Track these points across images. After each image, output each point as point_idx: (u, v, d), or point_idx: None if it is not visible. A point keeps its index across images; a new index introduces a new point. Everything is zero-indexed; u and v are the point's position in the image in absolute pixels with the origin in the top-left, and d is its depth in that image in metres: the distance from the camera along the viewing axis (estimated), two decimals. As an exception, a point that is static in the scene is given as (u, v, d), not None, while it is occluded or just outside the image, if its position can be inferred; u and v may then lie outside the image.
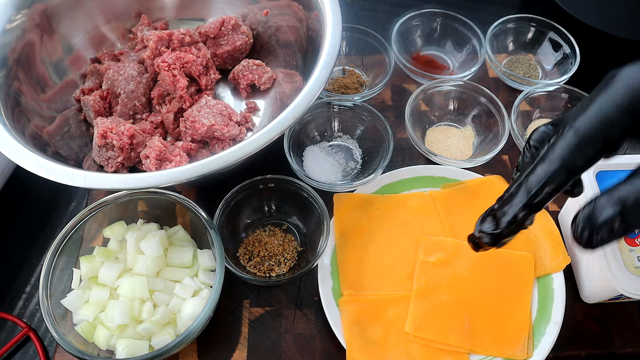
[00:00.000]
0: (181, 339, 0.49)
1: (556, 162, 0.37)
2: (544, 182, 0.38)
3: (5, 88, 0.62)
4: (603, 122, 0.35)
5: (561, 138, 0.37)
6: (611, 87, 0.36)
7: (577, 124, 0.36)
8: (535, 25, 0.83)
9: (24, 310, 0.64)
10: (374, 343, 0.56)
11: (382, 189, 0.67)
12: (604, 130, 0.35)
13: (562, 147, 0.36)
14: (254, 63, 0.73)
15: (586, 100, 0.37)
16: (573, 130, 0.36)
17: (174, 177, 0.52)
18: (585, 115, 0.36)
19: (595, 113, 0.36)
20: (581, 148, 0.36)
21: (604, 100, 0.36)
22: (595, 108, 0.36)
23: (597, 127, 0.35)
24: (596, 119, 0.35)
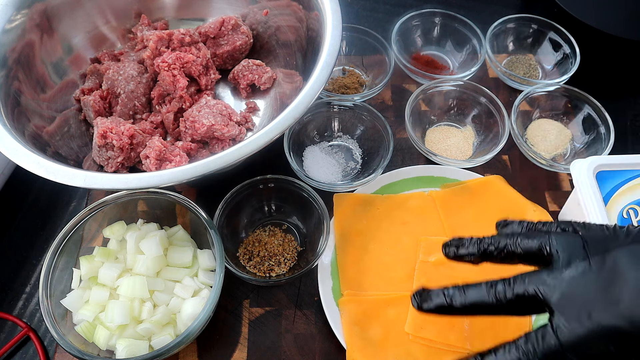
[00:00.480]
0: (181, 339, 0.49)
1: (558, 352, 0.35)
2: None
3: (5, 88, 0.62)
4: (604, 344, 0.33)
5: (572, 332, 0.34)
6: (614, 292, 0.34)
7: (595, 325, 0.34)
8: (535, 25, 0.83)
9: (24, 310, 0.64)
10: (374, 343, 0.56)
11: (382, 189, 0.67)
12: (627, 342, 0.33)
13: (573, 342, 0.34)
14: (254, 63, 0.73)
15: (590, 283, 0.35)
16: (589, 331, 0.34)
17: (174, 177, 0.52)
18: (600, 318, 0.34)
19: (616, 322, 0.33)
20: (598, 349, 0.34)
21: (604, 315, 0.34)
22: (613, 316, 0.33)
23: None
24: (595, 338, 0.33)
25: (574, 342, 0.34)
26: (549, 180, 0.71)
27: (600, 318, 0.34)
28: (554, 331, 0.35)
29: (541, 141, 0.73)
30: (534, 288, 0.37)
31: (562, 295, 0.36)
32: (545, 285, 0.37)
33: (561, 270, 0.37)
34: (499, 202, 0.66)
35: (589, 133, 0.72)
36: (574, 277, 0.36)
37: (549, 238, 0.40)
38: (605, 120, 0.70)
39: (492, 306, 0.39)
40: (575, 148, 0.73)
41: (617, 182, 0.56)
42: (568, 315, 0.35)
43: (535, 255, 0.40)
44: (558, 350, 0.34)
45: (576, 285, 0.36)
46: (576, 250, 0.38)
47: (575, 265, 0.37)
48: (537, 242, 0.40)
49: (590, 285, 0.36)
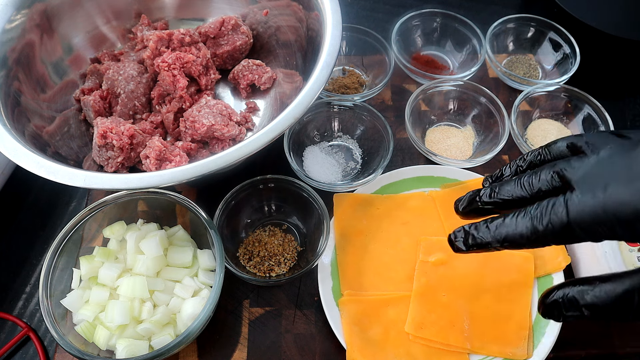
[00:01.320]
0: (181, 339, 0.49)
1: (564, 225, 0.34)
2: (534, 234, 0.35)
3: (5, 88, 0.62)
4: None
5: (583, 201, 0.33)
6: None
7: (609, 198, 0.33)
8: (535, 25, 0.83)
9: (24, 310, 0.64)
10: (374, 343, 0.56)
11: (382, 189, 0.67)
12: (633, 224, 0.32)
13: (581, 214, 0.33)
14: (254, 63, 0.73)
15: (614, 164, 0.34)
16: (600, 203, 0.33)
17: (174, 177, 0.52)
18: (615, 193, 0.33)
19: (630, 198, 0.32)
20: (604, 226, 0.33)
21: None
22: (629, 191, 0.32)
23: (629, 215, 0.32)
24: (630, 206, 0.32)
25: (582, 214, 0.33)
26: (549, 180, 0.70)
27: (615, 192, 0.33)
28: (565, 202, 0.34)
29: (541, 141, 0.73)
30: (560, 168, 0.37)
31: (585, 173, 0.35)
32: (571, 166, 0.36)
33: (589, 155, 0.37)
34: (499, 202, 0.66)
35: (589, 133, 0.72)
36: (600, 158, 0.36)
37: (581, 135, 0.39)
38: (605, 120, 0.70)
39: (521, 198, 0.38)
40: (575, 148, 0.73)
41: None
42: (584, 189, 0.34)
43: (566, 154, 0.39)
44: (564, 221, 0.34)
45: (601, 165, 0.35)
46: (607, 139, 0.37)
47: (604, 150, 0.36)
48: (568, 140, 0.39)
49: (615, 165, 0.35)
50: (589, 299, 0.34)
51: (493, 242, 0.38)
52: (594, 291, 0.34)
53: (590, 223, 0.33)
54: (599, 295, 0.33)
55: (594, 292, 0.34)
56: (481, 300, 0.59)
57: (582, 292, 0.34)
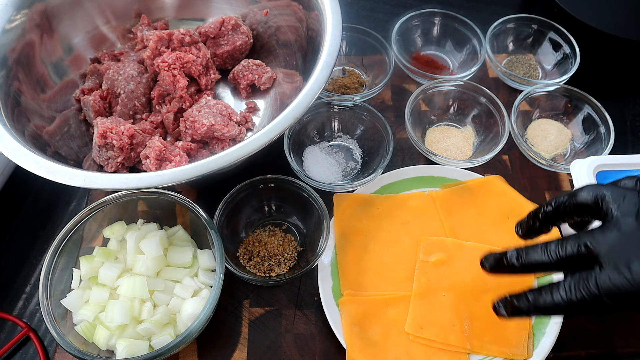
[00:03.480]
0: (181, 339, 0.49)
1: (595, 296, 0.39)
2: (567, 304, 0.40)
3: (5, 88, 0.62)
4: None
5: (611, 278, 0.38)
6: None
7: (635, 274, 0.37)
8: (535, 25, 0.83)
9: (24, 310, 0.64)
10: (374, 343, 0.56)
11: (382, 189, 0.67)
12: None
13: (610, 288, 0.38)
14: (254, 63, 0.73)
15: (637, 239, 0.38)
16: (625, 280, 0.37)
17: (174, 177, 0.52)
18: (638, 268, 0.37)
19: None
20: (632, 297, 0.37)
21: None
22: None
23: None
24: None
25: (613, 290, 0.38)
26: (549, 180, 0.71)
27: (637, 270, 0.37)
28: (595, 279, 0.38)
29: (541, 141, 0.73)
30: (585, 242, 0.40)
31: (610, 248, 0.39)
32: (596, 240, 0.40)
33: (612, 227, 0.40)
34: (499, 202, 0.66)
35: (589, 133, 0.72)
36: (624, 232, 0.39)
37: (604, 190, 0.42)
38: (605, 120, 0.70)
39: (547, 264, 0.42)
40: (575, 148, 0.73)
41: None
42: (611, 265, 0.38)
43: (590, 209, 0.43)
44: (596, 295, 0.38)
45: (624, 240, 0.39)
46: (630, 207, 0.40)
47: (627, 222, 0.40)
48: (594, 192, 0.42)
49: (636, 240, 0.39)
50: None
51: (533, 311, 0.42)
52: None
53: (621, 297, 0.38)
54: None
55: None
56: (481, 300, 0.59)
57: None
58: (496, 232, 0.64)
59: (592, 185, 0.43)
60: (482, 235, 0.63)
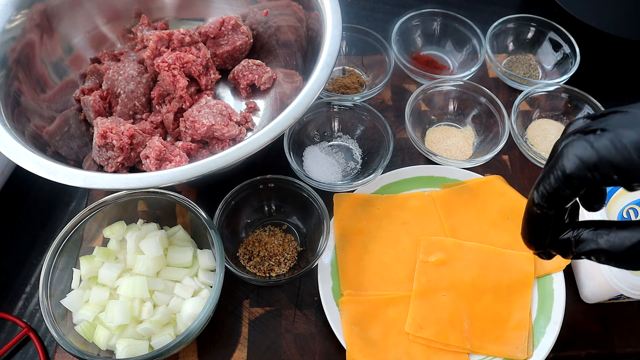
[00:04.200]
0: (181, 339, 0.49)
1: (593, 161, 0.32)
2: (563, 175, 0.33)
3: (5, 88, 0.62)
4: None
5: (610, 139, 0.32)
6: None
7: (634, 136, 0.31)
8: (535, 25, 0.83)
9: (24, 310, 0.64)
10: (374, 343, 0.56)
11: (382, 189, 0.67)
12: None
13: (608, 149, 0.32)
14: (254, 63, 0.73)
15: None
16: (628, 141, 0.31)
17: (174, 177, 0.52)
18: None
19: None
20: (633, 164, 0.31)
21: None
22: None
23: None
24: None
25: (608, 153, 0.32)
26: (549, 180, 0.70)
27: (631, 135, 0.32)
28: (592, 140, 0.33)
29: (541, 141, 0.73)
30: (585, 116, 0.37)
31: (611, 122, 0.34)
32: (601, 122, 0.35)
33: (618, 111, 0.36)
34: (499, 202, 0.66)
35: (589, 133, 0.72)
36: (628, 111, 0.36)
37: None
38: (605, 120, 0.70)
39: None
40: (575, 148, 0.72)
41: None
42: (613, 129, 0.33)
43: None
44: (595, 160, 0.32)
45: (628, 115, 0.35)
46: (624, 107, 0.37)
47: (632, 107, 0.36)
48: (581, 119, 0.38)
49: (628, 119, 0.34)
50: (603, 242, 0.33)
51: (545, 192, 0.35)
52: (609, 236, 0.33)
53: (619, 161, 0.31)
54: (613, 241, 0.32)
55: (608, 237, 0.33)
56: (481, 300, 0.59)
57: (596, 235, 0.33)
58: (496, 232, 0.64)
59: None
60: (482, 235, 0.63)
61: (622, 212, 0.55)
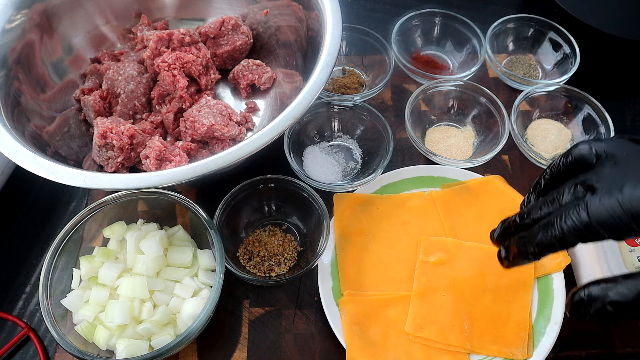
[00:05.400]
0: (181, 339, 0.49)
1: (586, 223, 0.36)
2: (561, 235, 0.38)
3: (5, 88, 0.62)
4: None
5: (602, 201, 0.36)
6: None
7: (625, 197, 0.35)
8: (535, 25, 0.83)
9: (24, 310, 0.64)
10: (374, 343, 0.56)
11: (382, 189, 0.67)
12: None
13: (600, 212, 0.36)
14: (254, 63, 0.73)
15: (631, 168, 0.37)
16: (616, 202, 0.35)
17: (174, 177, 0.52)
18: (629, 190, 0.35)
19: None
20: (621, 222, 0.35)
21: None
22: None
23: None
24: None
25: (601, 212, 0.36)
26: (549, 180, 0.70)
27: (630, 191, 0.35)
28: (586, 202, 0.37)
29: (541, 141, 0.73)
30: (582, 180, 0.39)
31: (604, 177, 0.38)
32: (592, 174, 0.39)
33: (607, 162, 0.39)
34: (499, 202, 0.66)
35: (589, 133, 0.72)
36: (618, 163, 0.39)
37: (598, 141, 0.41)
38: (605, 120, 0.70)
39: (550, 214, 0.40)
40: (575, 148, 0.73)
41: None
42: (603, 191, 0.37)
43: (585, 160, 0.41)
44: (585, 220, 0.36)
45: (618, 168, 0.38)
46: (623, 145, 0.40)
47: (621, 155, 0.39)
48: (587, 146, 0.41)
49: (630, 167, 0.38)
50: (612, 295, 0.35)
51: (530, 247, 0.40)
52: (617, 288, 0.35)
53: (609, 220, 0.35)
54: (622, 292, 0.35)
55: (617, 289, 0.35)
56: (481, 300, 0.59)
57: (605, 290, 0.36)
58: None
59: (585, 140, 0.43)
60: (482, 235, 0.63)
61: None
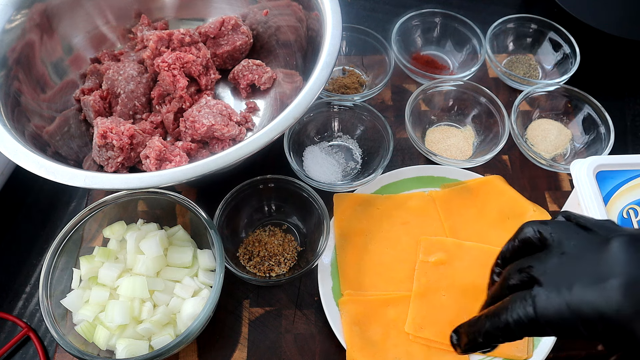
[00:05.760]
0: (181, 339, 0.49)
1: (531, 318, 0.34)
2: (506, 328, 0.36)
3: (5, 88, 0.62)
4: (598, 317, 0.32)
5: (549, 299, 0.34)
6: (605, 263, 0.34)
7: (574, 299, 0.33)
8: (535, 25, 0.83)
9: (24, 310, 0.64)
10: (374, 343, 0.56)
11: (382, 189, 0.67)
12: (595, 325, 0.32)
13: (547, 310, 0.34)
14: (254, 63, 0.73)
15: (580, 261, 0.35)
16: (564, 302, 0.33)
17: (174, 177, 0.52)
18: (579, 292, 0.33)
19: (592, 298, 0.32)
20: (567, 323, 0.33)
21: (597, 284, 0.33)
22: (592, 292, 0.33)
23: (590, 316, 0.32)
24: (590, 308, 0.32)
25: (548, 311, 0.34)
26: (549, 180, 0.71)
27: (580, 292, 0.33)
28: (533, 297, 0.35)
29: (541, 141, 0.73)
30: (527, 265, 0.37)
31: (551, 270, 0.36)
32: (538, 262, 0.37)
33: (554, 251, 0.37)
34: (499, 202, 0.66)
35: (589, 133, 0.72)
36: (566, 254, 0.36)
37: (544, 224, 0.40)
38: (605, 120, 0.70)
39: (493, 298, 0.40)
40: (575, 148, 0.73)
41: (617, 182, 0.56)
42: (550, 286, 0.35)
43: (533, 244, 0.40)
44: (531, 316, 0.34)
45: (567, 262, 0.36)
46: (572, 233, 0.38)
47: (569, 246, 0.37)
48: (532, 229, 0.40)
49: (580, 263, 0.35)
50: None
51: (478, 337, 0.39)
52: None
53: (555, 320, 0.33)
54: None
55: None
56: (481, 301, 0.58)
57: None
58: (496, 232, 0.64)
59: (531, 221, 0.41)
60: (482, 235, 0.63)
61: (622, 213, 0.55)
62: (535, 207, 0.65)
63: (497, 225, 0.64)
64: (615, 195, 0.56)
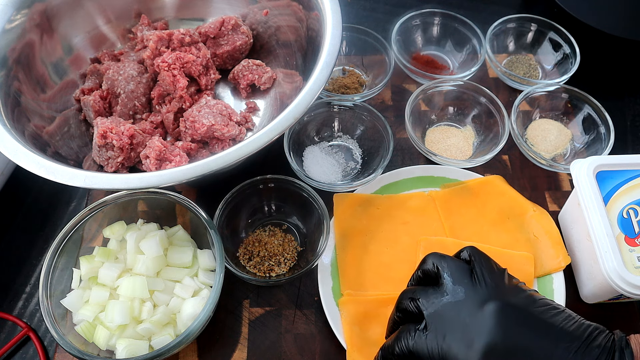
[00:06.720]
0: (181, 339, 0.49)
1: (410, 350, 0.42)
2: (393, 352, 0.44)
3: (5, 88, 0.62)
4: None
5: (426, 340, 0.42)
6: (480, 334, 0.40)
7: (443, 345, 0.41)
8: (535, 25, 0.83)
9: (24, 310, 0.64)
10: (374, 343, 0.56)
11: (382, 189, 0.67)
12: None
13: (421, 347, 0.42)
14: (254, 63, 0.73)
15: (459, 312, 0.42)
16: (437, 347, 0.41)
17: (174, 177, 0.52)
18: (449, 343, 0.41)
19: (457, 352, 0.40)
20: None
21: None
22: (458, 347, 0.40)
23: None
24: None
25: (423, 350, 0.41)
26: (549, 180, 0.71)
27: (449, 345, 0.40)
28: (415, 333, 0.42)
29: (541, 141, 0.73)
30: (417, 297, 0.44)
31: (435, 312, 0.43)
32: (426, 298, 0.44)
33: (443, 291, 0.44)
34: (499, 202, 0.66)
35: (589, 133, 0.72)
36: (450, 301, 0.43)
37: (444, 260, 0.46)
38: (605, 120, 0.70)
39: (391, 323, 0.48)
40: (575, 148, 0.73)
41: (617, 182, 0.56)
42: (431, 328, 0.42)
43: (430, 276, 0.46)
44: (410, 349, 0.42)
45: (449, 308, 0.42)
46: (463, 280, 0.44)
47: (456, 291, 0.43)
48: (432, 263, 0.46)
49: (459, 313, 0.42)
50: None
51: (389, 356, 0.45)
52: None
53: (426, 358, 0.41)
54: None
55: None
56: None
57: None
58: (496, 232, 0.64)
59: (435, 253, 0.47)
60: (482, 235, 0.63)
61: (622, 213, 0.55)
62: (535, 207, 0.65)
63: (497, 225, 0.64)
64: (615, 195, 0.56)
